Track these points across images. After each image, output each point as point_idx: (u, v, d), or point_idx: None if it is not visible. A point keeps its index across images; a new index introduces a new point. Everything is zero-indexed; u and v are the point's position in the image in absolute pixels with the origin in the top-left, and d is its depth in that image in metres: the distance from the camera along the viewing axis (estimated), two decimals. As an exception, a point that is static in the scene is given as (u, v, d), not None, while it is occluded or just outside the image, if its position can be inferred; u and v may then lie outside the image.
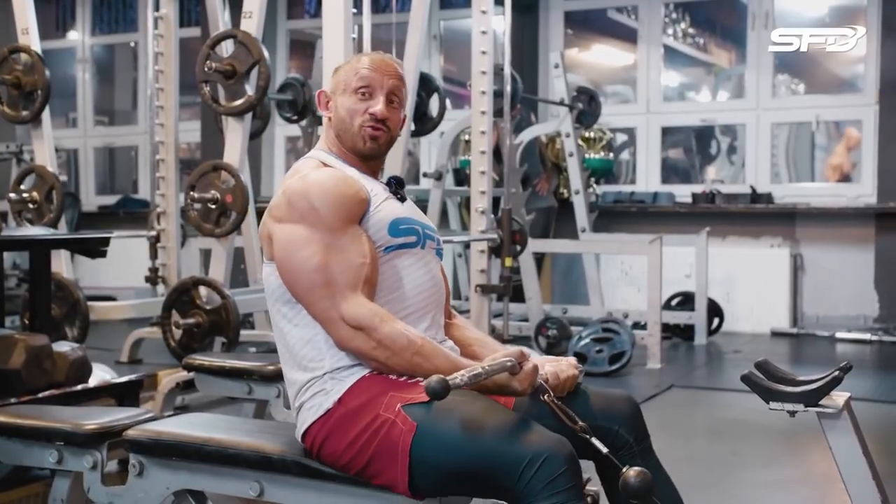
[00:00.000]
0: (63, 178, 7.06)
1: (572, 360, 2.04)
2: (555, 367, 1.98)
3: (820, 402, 1.84)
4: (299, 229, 1.91)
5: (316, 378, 1.92)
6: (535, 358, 1.96)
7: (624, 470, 1.69)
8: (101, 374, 3.51)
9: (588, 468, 1.92)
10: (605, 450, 1.78)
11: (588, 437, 1.79)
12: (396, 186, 2.10)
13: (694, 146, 8.46)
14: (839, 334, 6.86)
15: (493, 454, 1.70)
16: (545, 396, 1.85)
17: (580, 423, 1.81)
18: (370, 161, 2.08)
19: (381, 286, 1.95)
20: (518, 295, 6.28)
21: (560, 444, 1.70)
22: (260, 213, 7.91)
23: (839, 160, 7.77)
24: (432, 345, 1.89)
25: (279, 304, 1.97)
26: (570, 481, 1.67)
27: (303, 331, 1.94)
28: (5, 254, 3.66)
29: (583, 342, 5.64)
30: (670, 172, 8.39)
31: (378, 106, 2.02)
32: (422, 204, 5.85)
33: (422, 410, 1.77)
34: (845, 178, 7.74)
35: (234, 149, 4.50)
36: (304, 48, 9.41)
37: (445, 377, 1.66)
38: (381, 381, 1.87)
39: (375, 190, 2.02)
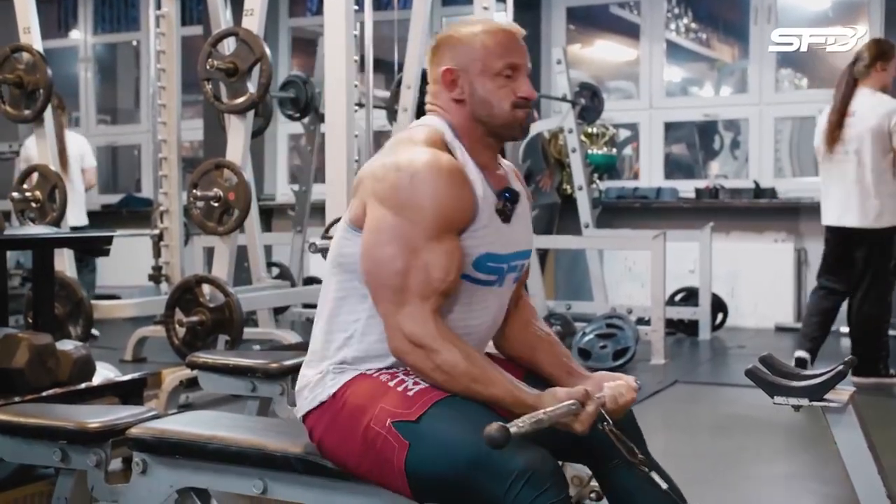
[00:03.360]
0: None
1: (631, 380, 1.93)
2: (613, 390, 1.88)
3: (825, 397, 1.83)
4: (395, 220, 1.80)
5: (326, 365, 1.88)
6: (595, 377, 1.92)
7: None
8: (104, 373, 3.51)
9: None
10: (664, 486, 1.74)
11: (648, 470, 1.75)
12: (507, 202, 1.93)
13: (697, 141, 8.45)
14: (843, 329, 6.83)
15: (479, 471, 1.68)
16: (603, 425, 1.78)
17: (640, 455, 1.77)
18: (502, 140, 1.97)
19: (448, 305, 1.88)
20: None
21: (544, 458, 1.68)
22: (263, 212, 7.94)
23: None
24: (491, 372, 1.80)
25: (349, 273, 1.89)
26: (557, 495, 1.65)
27: (361, 306, 1.87)
28: (8, 253, 3.66)
29: (587, 338, 5.64)
30: (673, 168, 8.38)
31: (527, 86, 1.91)
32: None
33: (412, 428, 1.74)
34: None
35: (236, 147, 4.50)
36: (306, 46, 9.39)
37: (507, 426, 1.59)
38: (371, 382, 1.84)
39: (485, 200, 1.89)
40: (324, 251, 3.04)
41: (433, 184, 1.80)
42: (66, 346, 3.21)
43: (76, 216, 6.39)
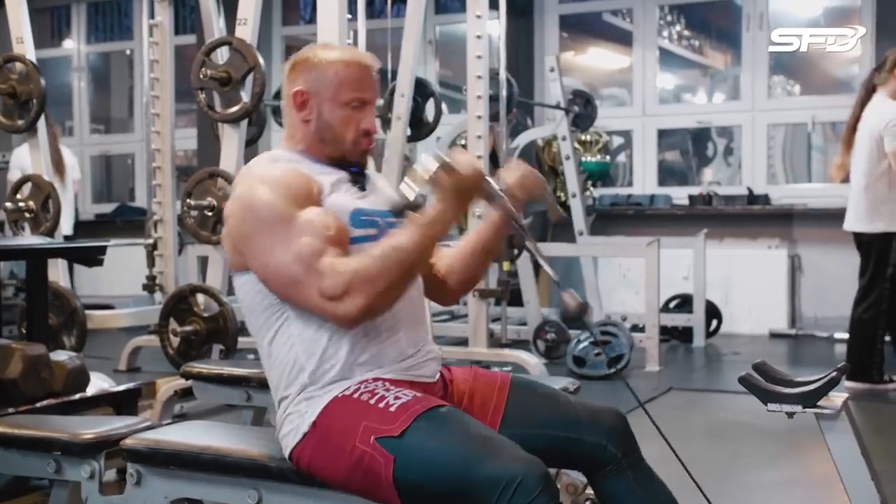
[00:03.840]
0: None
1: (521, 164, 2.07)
2: (511, 174, 2.02)
3: (818, 403, 1.84)
4: (259, 236, 1.86)
5: (293, 396, 1.90)
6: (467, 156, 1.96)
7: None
8: (99, 383, 3.50)
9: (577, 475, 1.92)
10: (554, 276, 1.91)
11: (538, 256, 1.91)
12: (357, 174, 2.04)
13: (690, 148, 8.47)
14: (837, 335, 6.85)
15: (468, 480, 1.68)
16: (490, 191, 1.91)
17: (531, 238, 1.94)
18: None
19: None
20: (516, 299, 6.28)
21: (534, 464, 1.68)
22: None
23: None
24: (390, 240, 1.85)
25: (256, 315, 1.95)
26: (548, 501, 1.65)
27: (282, 343, 1.91)
28: (2, 263, 3.66)
29: (581, 345, 5.64)
30: (667, 175, 8.39)
31: (370, 119, 2.01)
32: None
33: (395, 443, 1.75)
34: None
35: (230, 155, 4.49)
36: (300, 54, 9.41)
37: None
38: (352, 404, 1.84)
39: (328, 174, 1.98)
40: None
41: (267, 184, 1.89)
42: (60, 356, 3.20)
43: (68, 226, 6.39)
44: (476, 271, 2.16)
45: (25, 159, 5.76)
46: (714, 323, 6.93)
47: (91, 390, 3.22)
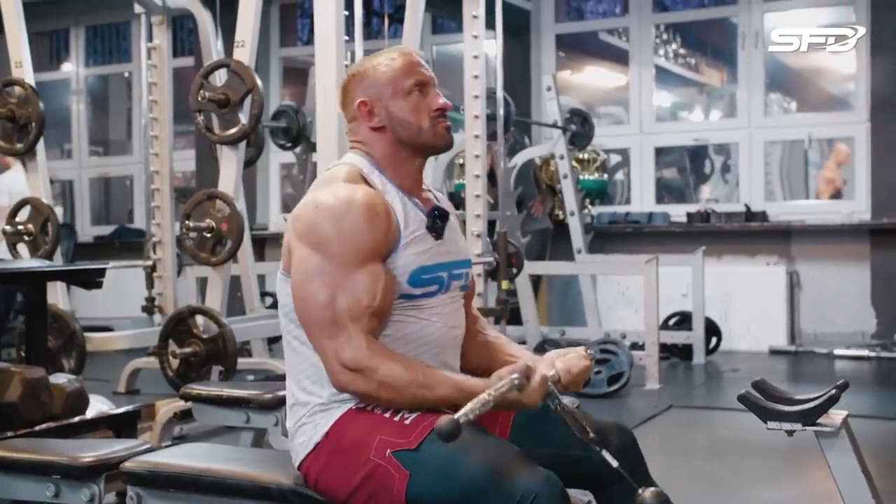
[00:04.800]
0: (58, 209, 7.07)
1: (581, 350, 1.96)
2: (565, 362, 1.91)
3: (818, 421, 1.84)
4: (314, 257, 1.84)
5: (309, 407, 1.89)
6: (545, 357, 1.93)
7: (640, 491, 1.65)
8: (98, 406, 3.49)
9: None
10: (615, 463, 1.73)
11: (599, 448, 1.75)
12: (437, 219, 1.97)
13: (688, 166, 8.49)
14: (837, 351, 6.86)
15: (484, 494, 1.68)
16: (555, 404, 1.78)
17: (591, 433, 1.75)
18: (427, 157, 2.02)
19: (394, 336, 1.89)
20: (515, 317, 6.27)
21: (549, 480, 1.68)
22: (256, 241, 7.94)
23: (830, 174, 7.80)
24: (433, 373, 1.83)
25: (289, 320, 1.93)
26: None
27: (309, 351, 1.90)
28: (0, 286, 3.66)
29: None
30: (665, 192, 8.41)
31: (441, 98, 1.98)
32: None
33: (412, 456, 1.75)
34: (837, 193, 7.76)
35: (228, 177, 4.50)
36: (297, 75, 9.45)
37: (455, 417, 1.59)
38: (367, 417, 1.84)
39: (411, 222, 1.93)
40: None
41: (348, 217, 1.84)
42: (59, 379, 3.19)
43: None
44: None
45: (12, 184, 5.77)
46: (713, 340, 6.92)
47: (90, 413, 3.21)
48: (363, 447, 1.80)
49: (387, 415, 1.83)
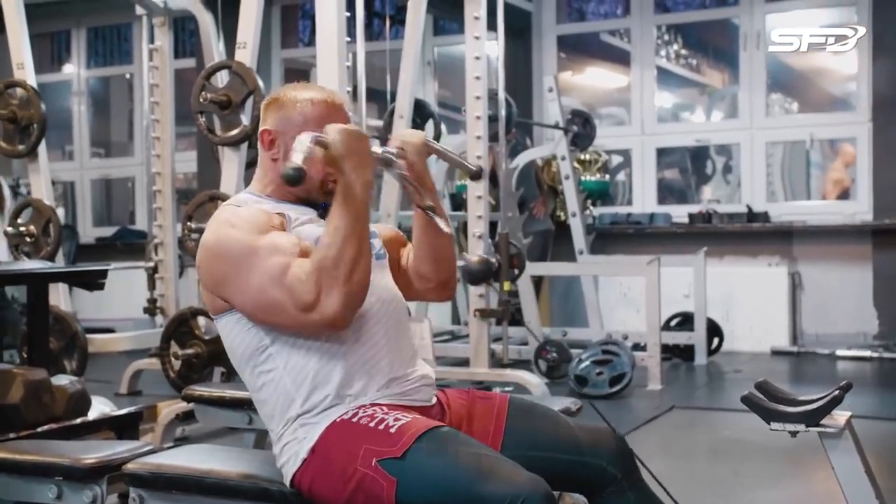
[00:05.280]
0: (60, 210, 7.08)
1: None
2: (395, 139, 2.05)
3: (821, 422, 1.83)
4: (236, 274, 1.87)
5: (287, 424, 1.90)
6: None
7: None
8: (100, 407, 3.49)
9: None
10: (447, 229, 2.00)
11: (431, 214, 1.96)
12: (325, 210, 2.00)
13: (689, 166, 8.49)
14: (839, 352, 6.85)
15: (470, 500, 1.69)
16: (398, 170, 1.96)
17: (428, 202, 1.95)
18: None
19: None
20: (517, 319, 6.27)
21: (536, 483, 1.69)
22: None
23: (839, 175, 7.79)
24: (326, 229, 1.86)
25: (240, 356, 1.96)
26: None
27: (269, 378, 1.92)
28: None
29: (583, 365, 5.62)
30: (666, 193, 8.40)
31: None
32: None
33: (398, 464, 1.75)
34: (845, 193, 7.76)
35: (230, 178, 4.51)
36: (299, 77, 9.44)
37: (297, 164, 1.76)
38: (352, 428, 1.84)
39: (300, 215, 1.99)
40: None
41: (238, 217, 1.93)
42: (61, 380, 3.19)
43: None
44: (439, 250, 2.11)
45: None
46: (715, 341, 6.92)
47: (92, 414, 3.21)
48: (350, 458, 1.80)
49: (371, 424, 1.83)
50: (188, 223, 4.46)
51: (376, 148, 1.96)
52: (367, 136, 1.92)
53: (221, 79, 4.54)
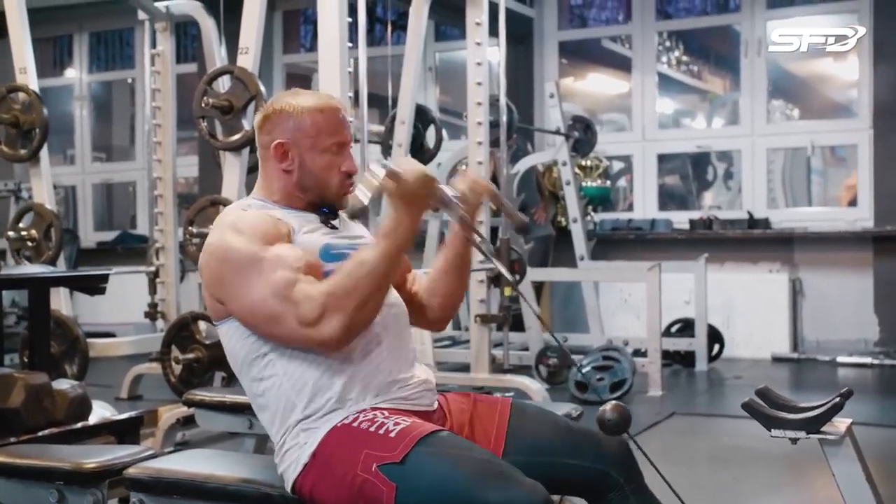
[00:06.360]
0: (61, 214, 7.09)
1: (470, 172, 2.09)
2: (461, 181, 2.04)
3: (822, 429, 1.83)
4: (236, 280, 1.89)
5: (288, 430, 1.90)
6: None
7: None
8: (101, 412, 3.49)
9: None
10: (510, 277, 2.01)
11: (496, 263, 1.96)
12: (329, 215, 2.07)
13: (690, 173, 8.49)
14: (840, 358, 6.85)
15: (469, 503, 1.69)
16: (460, 216, 1.95)
17: (489, 243, 1.89)
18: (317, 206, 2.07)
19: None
20: (518, 324, 6.27)
21: (535, 489, 1.69)
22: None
23: (854, 181, 7.76)
24: (354, 259, 1.86)
25: (240, 363, 1.96)
26: None
27: (269, 384, 1.92)
28: (4, 292, 3.66)
29: (584, 370, 5.62)
30: (667, 199, 8.41)
31: (350, 161, 2.05)
32: (420, 236, 5.85)
33: (398, 469, 1.75)
34: (854, 201, 7.73)
35: (231, 183, 4.51)
36: (301, 82, 9.45)
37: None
38: (352, 433, 1.84)
39: (304, 223, 2.00)
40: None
41: (243, 222, 1.93)
42: (61, 385, 3.19)
43: None
44: (455, 287, 2.16)
45: None
46: (716, 347, 6.92)
47: (93, 419, 3.21)
48: (350, 463, 1.80)
49: (371, 429, 1.83)
50: (189, 228, 4.47)
51: (445, 188, 1.96)
52: (436, 180, 1.92)
53: (223, 84, 4.55)
